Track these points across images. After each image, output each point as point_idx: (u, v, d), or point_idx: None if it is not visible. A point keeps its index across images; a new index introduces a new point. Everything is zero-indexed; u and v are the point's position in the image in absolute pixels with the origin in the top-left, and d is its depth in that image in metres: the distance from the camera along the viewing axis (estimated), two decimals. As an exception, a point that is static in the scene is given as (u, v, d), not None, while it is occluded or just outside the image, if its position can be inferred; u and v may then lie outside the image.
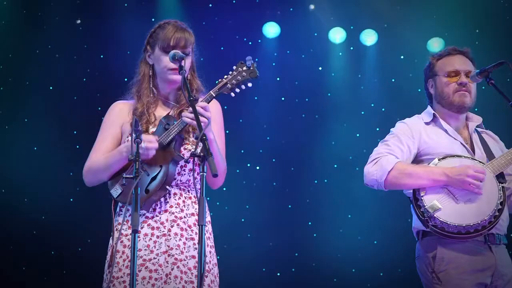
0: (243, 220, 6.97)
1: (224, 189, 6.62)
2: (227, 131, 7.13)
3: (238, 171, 6.96)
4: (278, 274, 6.95)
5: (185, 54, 3.44)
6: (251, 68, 3.35)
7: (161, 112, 3.49)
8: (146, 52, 3.56)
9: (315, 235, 6.99)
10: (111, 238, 3.41)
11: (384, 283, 6.79)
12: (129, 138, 3.40)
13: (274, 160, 7.15)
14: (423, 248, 3.55)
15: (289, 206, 7.08)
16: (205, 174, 2.93)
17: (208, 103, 3.30)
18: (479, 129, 3.80)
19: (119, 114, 3.55)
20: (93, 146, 3.55)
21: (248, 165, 7.10)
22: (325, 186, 7.04)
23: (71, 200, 6.71)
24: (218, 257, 3.52)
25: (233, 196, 6.84)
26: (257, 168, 7.12)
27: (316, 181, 7.11)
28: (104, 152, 3.46)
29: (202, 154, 2.92)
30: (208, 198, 3.00)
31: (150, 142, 3.23)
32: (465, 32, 6.75)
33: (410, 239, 3.73)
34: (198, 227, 3.35)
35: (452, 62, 3.71)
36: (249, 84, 3.36)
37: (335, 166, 7.02)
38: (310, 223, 7.05)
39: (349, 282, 6.83)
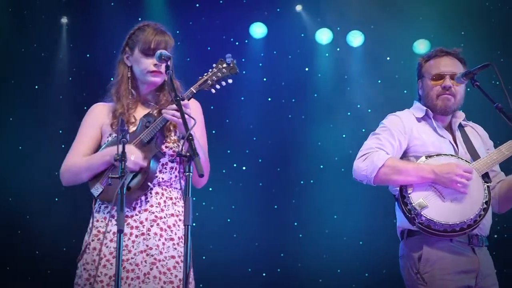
0: (229, 220, 6.96)
1: (210, 189, 6.64)
2: (213, 131, 7.15)
3: (224, 171, 6.95)
4: (264, 274, 6.95)
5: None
6: (231, 65, 3.41)
7: (141, 113, 3.49)
8: (124, 53, 3.56)
9: (300, 235, 7.01)
10: (87, 234, 3.41)
11: (369, 284, 6.82)
12: (110, 139, 3.42)
13: (260, 160, 7.15)
14: (408, 247, 3.56)
15: (275, 207, 7.08)
16: (191, 174, 2.93)
17: (188, 99, 3.34)
18: (462, 123, 3.81)
19: (98, 115, 3.56)
20: (71, 146, 3.55)
21: (235, 165, 7.10)
22: (311, 187, 7.05)
23: (56, 199, 6.67)
24: (203, 257, 3.52)
25: (219, 196, 6.83)
26: (243, 168, 7.12)
27: (302, 182, 7.12)
28: (82, 153, 3.47)
29: (188, 154, 2.91)
30: (194, 198, 2.99)
31: (138, 158, 3.26)
32: (451, 34, 6.78)
33: (395, 240, 3.74)
34: (176, 227, 3.39)
35: (437, 65, 3.71)
36: (230, 81, 3.42)
37: (321, 166, 7.04)
38: (296, 224, 7.06)
39: (335, 283, 6.84)
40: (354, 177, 3.63)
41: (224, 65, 3.41)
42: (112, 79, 3.62)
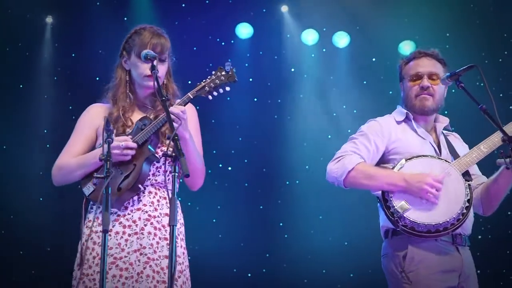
0: (214, 220, 6.96)
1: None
2: (199, 132, 7.10)
3: (210, 171, 6.87)
4: (249, 274, 6.95)
5: (162, 60, 3.47)
6: (230, 73, 3.44)
7: (137, 117, 3.49)
8: (122, 57, 3.55)
9: (286, 236, 7.02)
10: (82, 234, 3.38)
11: (354, 284, 6.84)
12: None
13: (246, 160, 7.15)
14: (392, 246, 3.57)
15: (261, 207, 7.09)
16: (177, 174, 2.93)
17: (185, 104, 3.35)
18: (445, 132, 3.84)
19: (94, 117, 3.54)
20: (65, 146, 3.53)
21: (220, 165, 7.10)
22: (297, 187, 7.06)
23: (41, 199, 6.64)
24: (189, 258, 3.52)
25: (205, 197, 6.79)
26: (229, 168, 7.12)
27: (287, 182, 7.13)
28: (75, 154, 3.46)
29: (174, 154, 2.91)
30: (179, 199, 2.99)
31: (126, 141, 3.25)
32: (436, 36, 6.82)
33: (380, 240, 3.75)
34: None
35: (415, 66, 3.74)
36: (227, 88, 3.45)
37: (307, 167, 7.05)
38: (281, 224, 7.07)
39: (320, 283, 6.86)
40: (327, 179, 3.66)
41: (223, 73, 3.43)
42: (97, 78, 3.61)
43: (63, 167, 3.45)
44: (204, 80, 3.42)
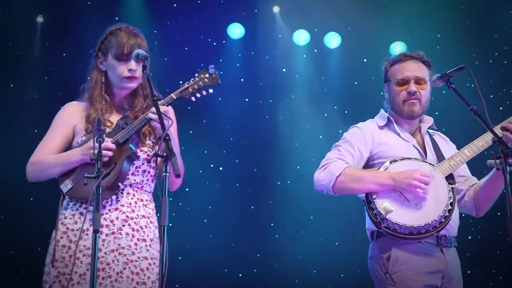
0: (205, 221, 6.96)
1: (187, 189, 6.63)
2: (190, 132, 7.12)
3: (201, 171, 6.94)
4: (240, 275, 6.96)
5: (139, 60, 3.41)
6: (213, 76, 3.43)
7: (116, 118, 3.47)
8: (97, 58, 3.52)
9: (277, 236, 7.02)
10: (54, 231, 3.37)
11: (345, 284, 6.85)
12: (83, 138, 3.40)
13: (237, 161, 7.15)
14: (377, 248, 3.58)
15: (252, 207, 7.09)
16: (167, 174, 2.92)
17: (168, 105, 3.35)
18: (430, 131, 3.85)
19: (71, 115, 3.52)
20: (41, 142, 3.52)
21: (211, 165, 7.10)
22: (288, 188, 7.06)
23: (31, 199, 6.61)
24: (179, 258, 3.52)
25: (196, 197, 6.82)
26: (220, 168, 7.12)
27: (279, 183, 7.13)
28: (52, 151, 3.44)
29: (165, 154, 2.91)
30: (170, 199, 2.99)
31: (107, 142, 3.23)
32: (427, 37, 6.85)
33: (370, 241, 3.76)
34: (148, 229, 3.39)
35: (402, 70, 3.73)
36: (210, 90, 3.44)
37: (298, 167, 7.06)
38: (272, 224, 7.07)
39: (311, 283, 6.87)
40: (315, 188, 3.67)
41: (207, 75, 3.43)
42: (88, 78, 3.59)
43: (39, 163, 3.43)
44: (187, 82, 3.42)
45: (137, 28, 3.55)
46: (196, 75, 3.43)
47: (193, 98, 3.41)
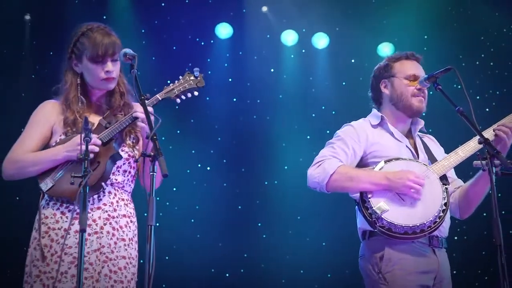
0: (192, 220, 6.95)
1: (174, 189, 6.62)
2: (178, 131, 7.11)
3: (188, 171, 6.94)
4: (227, 274, 6.96)
5: (115, 60, 3.39)
6: (198, 78, 3.44)
7: (94, 117, 3.44)
8: (71, 60, 3.48)
9: (264, 236, 7.03)
10: (34, 230, 3.34)
11: (331, 284, 6.87)
12: (62, 137, 3.37)
13: (225, 160, 7.15)
14: (369, 248, 3.59)
15: (239, 207, 7.09)
16: (155, 174, 2.92)
17: (153, 106, 3.33)
18: (420, 134, 3.87)
19: (49, 113, 3.49)
20: (18, 140, 3.47)
21: (199, 165, 7.09)
22: (275, 188, 7.07)
23: (17, 198, 6.58)
24: (166, 257, 3.51)
25: (183, 197, 6.81)
26: (208, 168, 7.12)
27: (266, 183, 7.14)
28: (30, 149, 3.39)
29: (152, 154, 2.90)
30: (157, 198, 2.98)
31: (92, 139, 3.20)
32: (414, 38, 6.88)
33: (357, 241, 3.77)
34: (128, 228, 3.37)
35: (411, 66, 3.75)
36: (195, 93, 3.46)
37: (286, 167, 7.07)
38: (259, 224, 7.07)
39: (297, 283, 6.88)
40: (308, 185, 3.66)
41: (192, 78, 3.44)
42: (63, 80, 3.56)
43: (18, 161, 3.38)
44: (172, 83, 3.43)
45: (108, 26, 3.48)
46: (181, 77, 3.44)
47: (178, 100, 3.42)
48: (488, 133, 3.54)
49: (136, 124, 3.36)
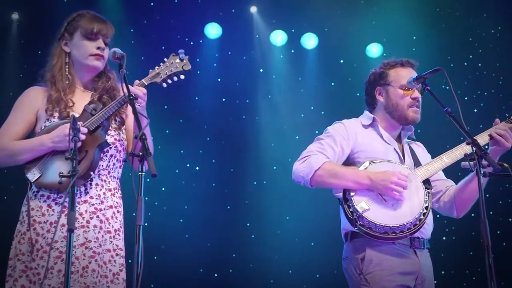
0: (181, 220, 6.94)
1: (163, 189, 6.61)
2: (167, 131, 7.08)
3: (177, 171, 6.93)
4: (216, 275, 6.95)
5: (106, 44, 3.44)
6: (184, 61, 3.41)
7: (79, 98, 3.42)
8: (62, 39, 3.51)
9: (253, 236, 7.03)
10: (19, 223, 3.30)
11: (320, 284, 6.87)
12: (47, 123, 3.34)
13: (214, 160, 7.15)
14: (351, 249, 3.60)
15: (228, 207, 7.09)
16: (144, 174, 2.90)
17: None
18: (408, 141, 3.89)
19: (34, 99, 3.46)
20: (3, 126, 3.44)
21: (188, 165, 7.08)
22: (264, 188, 7.07)
23: (5, 198, 6.55)
24: (155, 257, 3.49)
25: (172, 196, 6.80)
26: (197, 168, 7.11)
27: (255, 183, 7.14)
28: (16, 136, 3.36)
29: (141, 153, 2.89)
30: (146, 198, 2.97)
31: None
32: (403, 39, 6.91)
33: (346, 241, 3.78)
34: (114, 219, 3.35)
35: (407, 75, 3.73)
36: (182, 76, 3.42)
37: (274, 168, 7.07)
38: (248, 224, 7.07)
39: (286, 283, 6.88)
40: (293, 179, 3.67)
41: (177, 60, 3.41)
42: (50, 60, 3.55)
43: (5, 149, 3.33)
44: (157, 67, 3.40)
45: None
46: (166, 60, 3.42)
47: (164, 84, 3.39)
48: (483, 138, 3.57)
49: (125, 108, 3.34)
